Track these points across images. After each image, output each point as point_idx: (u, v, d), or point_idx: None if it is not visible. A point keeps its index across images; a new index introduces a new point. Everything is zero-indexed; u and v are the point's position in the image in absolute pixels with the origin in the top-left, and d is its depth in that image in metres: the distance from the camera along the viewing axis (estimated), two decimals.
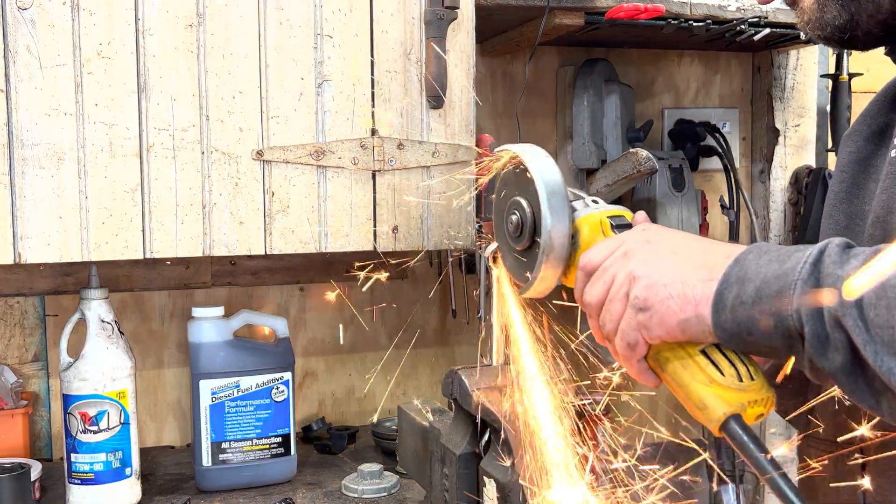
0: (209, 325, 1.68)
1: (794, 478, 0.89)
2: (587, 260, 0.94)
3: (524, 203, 1.02)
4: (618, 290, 0.89)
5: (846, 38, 0.98)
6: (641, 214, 1.01)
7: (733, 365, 0.85)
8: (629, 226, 0.99)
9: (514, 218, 1.03)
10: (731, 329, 0.81)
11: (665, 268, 0.86)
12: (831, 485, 1.01)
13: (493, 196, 1.11)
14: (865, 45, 1.01)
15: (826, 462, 1.02)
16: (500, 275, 1.15)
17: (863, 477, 0.97)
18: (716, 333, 0.83)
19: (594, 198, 1.04)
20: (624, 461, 1.07)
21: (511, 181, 1.06)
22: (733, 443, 0.84)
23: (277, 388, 1.70)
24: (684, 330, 0.84)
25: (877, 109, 1.07)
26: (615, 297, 0.89)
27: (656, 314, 0.85)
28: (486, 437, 1.32)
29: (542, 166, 1.01)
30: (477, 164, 1.16)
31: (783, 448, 0.93)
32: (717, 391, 0.84)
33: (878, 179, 1.00)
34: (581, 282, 0.95)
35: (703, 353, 0.86)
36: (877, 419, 0.86)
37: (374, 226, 1.52)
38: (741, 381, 0.84)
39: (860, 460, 0.98)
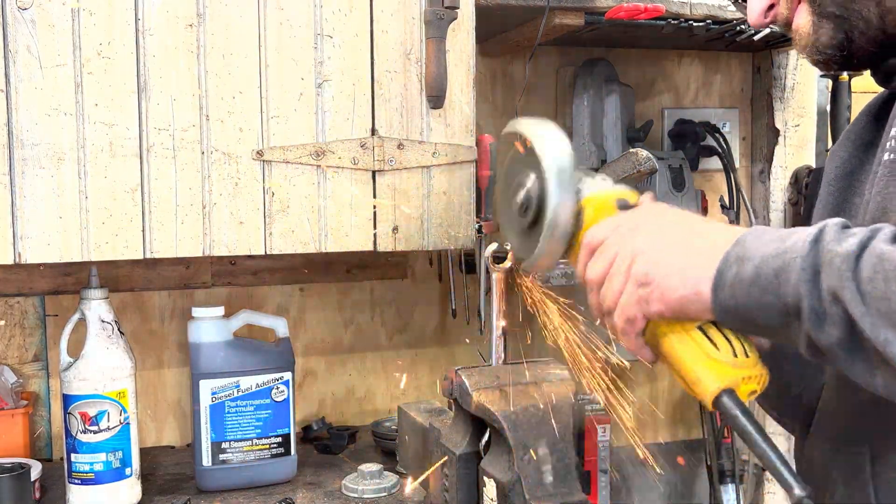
0: (209, 325, 1.68)
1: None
2: (591, 236, 0.96)
3: (531, 180, 1.01)
4: (620, 265, 0.90)
5: (844, 55, 0.99)
6: (648, 195, 1.01)
7: (729, 342, 0.87)
8: (634, 207, 0.99)
9: (520, 195, 1.03)
10: (730, 307, 0.83)
11: (668, 245, 0.88)
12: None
13: (500, 171, 1.11)
14: (860, 64, 1.02)
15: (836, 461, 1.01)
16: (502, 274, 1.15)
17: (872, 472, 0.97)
18: (714, 311, 0.84)
19: (603, 176, 1.03)
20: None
21: (520, 158, 1.05)
22: (726, 417, 0.86)
23: (277, 388, 1.70)
24: (683, 306, 0.86)
25: (861, 125, 1.09)
26: (617, 272, 0.91)
27: (657, 289, 0.87)
28: (486, 436, 1.32)
29: (552, 143, 1.00)
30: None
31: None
32: (712, 366, 0.86)
33: (863, 193, 1.02)
34: (584, 258, 0.96)
35: (700, 329, 0.88)
36: None
37: (375, 226, 1.52)
38: (736, 357, 0.86)
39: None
